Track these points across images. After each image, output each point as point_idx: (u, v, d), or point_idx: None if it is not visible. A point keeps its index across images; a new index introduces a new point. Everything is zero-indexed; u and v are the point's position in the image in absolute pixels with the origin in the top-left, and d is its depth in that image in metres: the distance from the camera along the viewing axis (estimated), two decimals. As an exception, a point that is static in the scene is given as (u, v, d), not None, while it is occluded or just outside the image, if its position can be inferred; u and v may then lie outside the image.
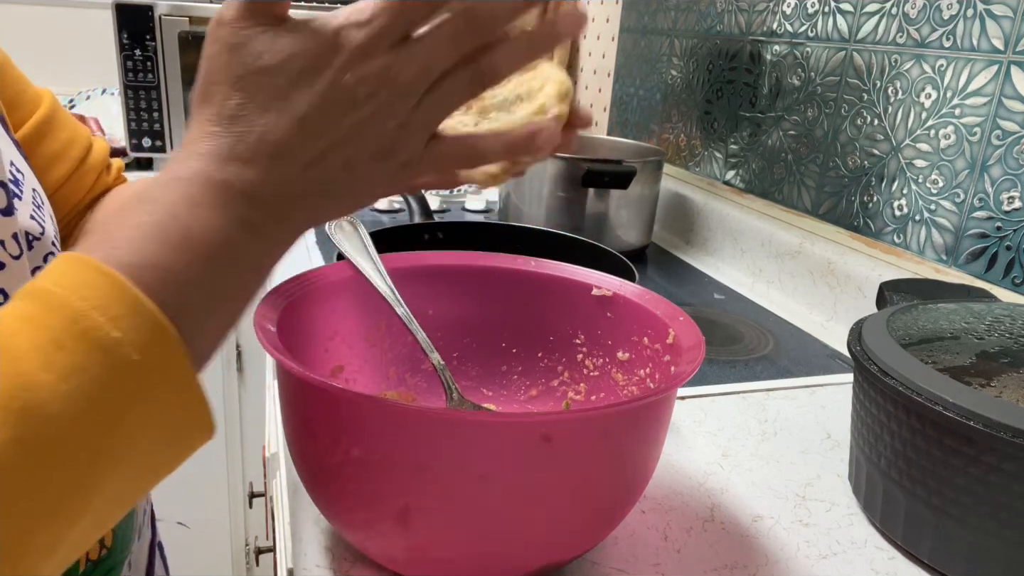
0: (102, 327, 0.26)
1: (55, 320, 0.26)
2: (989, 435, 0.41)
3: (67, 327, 0.26)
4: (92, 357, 0.26)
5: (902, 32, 0.83)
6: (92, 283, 0.27)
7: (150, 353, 0.27)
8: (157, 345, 0.27)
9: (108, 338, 0.26)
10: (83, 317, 0.26)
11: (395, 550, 0.41)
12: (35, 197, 0.41)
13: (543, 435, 0.36)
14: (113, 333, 0.26)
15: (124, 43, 1.35)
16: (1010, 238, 0.71)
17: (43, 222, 0.41)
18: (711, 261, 1.12)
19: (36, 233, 0.39)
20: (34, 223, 0.39)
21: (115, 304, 0.27)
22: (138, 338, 0.27)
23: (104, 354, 0.26)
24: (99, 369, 0.26)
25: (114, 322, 0.26)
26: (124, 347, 0.26)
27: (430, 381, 0.55)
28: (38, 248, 0.39)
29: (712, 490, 0.55)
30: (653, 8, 1.32)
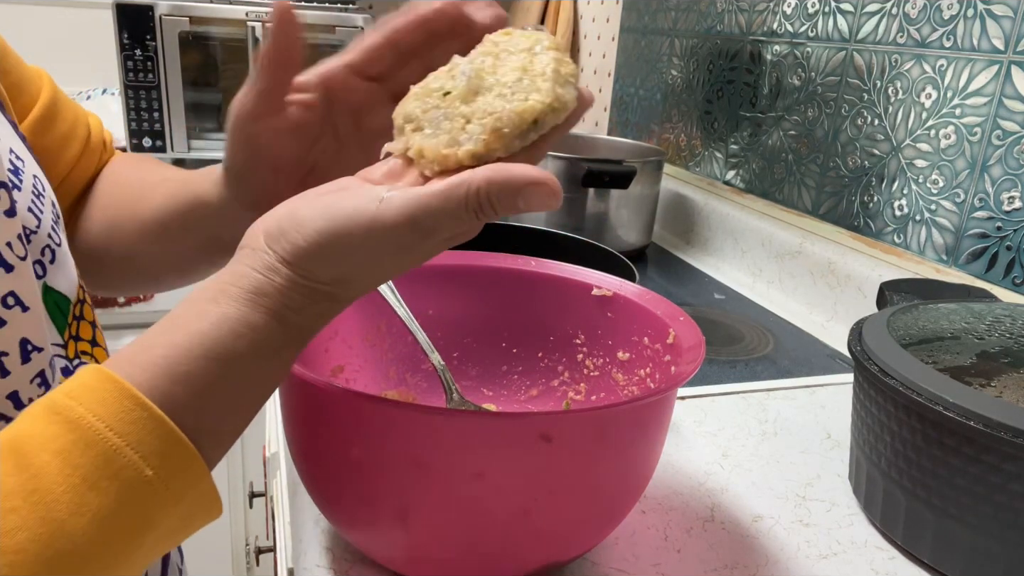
0: (136, 466, 0.27)
1: (88, 458, 0.26)
2: (989, 435, 0.41)
3: (102, 468, 0.26)
4: (124, 498, 0.27)
5: (902, 32, 0.83)
6: (127, 415, 0.27)
7: (179, 482, 0.28)
8: (186, 476, 0.29)
9: (142, 478, 0.27)
10: (117, 456, 0.27)
11: (395, 550, 0.41)
12: (35, 185, 0.41)
13: (543, 435, 0.36)
14: (147, 472, 0.27)
15: (124, 43, 1.35)
16: (1010, 238, 0.71)
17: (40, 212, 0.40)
18: (711, 261, 1.12)
19: (33, 227, 0.39)
20: (31, 216, 0.39)
21: (149, 439, 0.27)
22: (168, 472, 0.28)
23: (135, 494, 0.27)
24: (131, 509, 0.27)
25: (147, 460, 0.27)
26: (155, 485, 0.28)
27: (430, 381, 0.55)
28: (35, 242, 0.39)
29: (712, 490, 0.55)
30: (653, 8, 1.32)
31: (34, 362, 0.35)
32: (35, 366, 0.35)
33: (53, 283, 0.40)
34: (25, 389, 0.35)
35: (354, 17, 1.45)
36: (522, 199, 0.29)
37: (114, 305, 1.23)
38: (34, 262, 0.39)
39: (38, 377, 0.35)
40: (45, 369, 0.36)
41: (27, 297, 0.35)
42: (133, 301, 1.24)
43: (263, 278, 0.31)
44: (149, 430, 0.27)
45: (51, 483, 0.26)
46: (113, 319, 1.23)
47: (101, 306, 1.22)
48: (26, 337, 0.35)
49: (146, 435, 0.27)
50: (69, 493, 0.26)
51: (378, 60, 0.39)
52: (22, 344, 0.35)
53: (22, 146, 0.43)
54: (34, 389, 0.35)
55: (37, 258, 0.39)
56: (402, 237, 0.30)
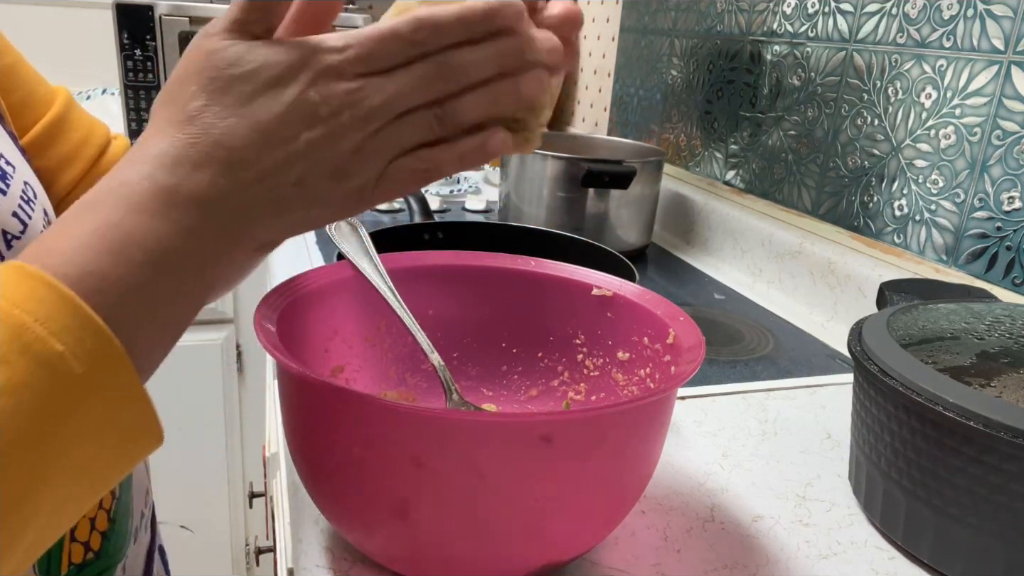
0: (45, 340, 0.26)
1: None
2: (989, 435, 0.41)
3: (10, 341, 0.26)
4: (35, 372, 0.26)
5: (902, 32, 0.83)
6: (35, 294, 0.27)
7: (94, 364, 0.27)
8: (101, 356, 0.28)
9: (51, 352, 0.26)
10: (26, 330, 0.26)
11: (395, 550, 0.41)
12: (24, 191, 0.41)
13: (543, 435, 0.36)
14: (56, 346, 0.26)
15: (124, 43, 1.35)
16: (1010, 238, 0.71)
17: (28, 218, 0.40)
18: (711, 261, 1.12)
19: (16, 231, 0.39)
20: (15, 221, 0.39)
21: (58, 316, 0.27)
22: (81, 350, 0.27)
23: (47, 368, 0.26)
24: (42, 383, 0.26)
25: (57, 335, 0.26)
26: (67, 360, 0.27)
27: (430, 381, 0.55)
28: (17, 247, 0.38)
29: (712, 490, 0.55)
30: (653, 8, 1.32)
31: None
32: None
33: None
34: None
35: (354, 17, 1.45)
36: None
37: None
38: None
39: None
40: None
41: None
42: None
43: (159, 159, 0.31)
44: (58, 307, 0.27)
45: None
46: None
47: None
48: None
49: (55, 312, 0.27)
50: None
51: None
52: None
53: (15, 152, 0.43)
54: None
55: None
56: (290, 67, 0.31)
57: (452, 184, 1.45)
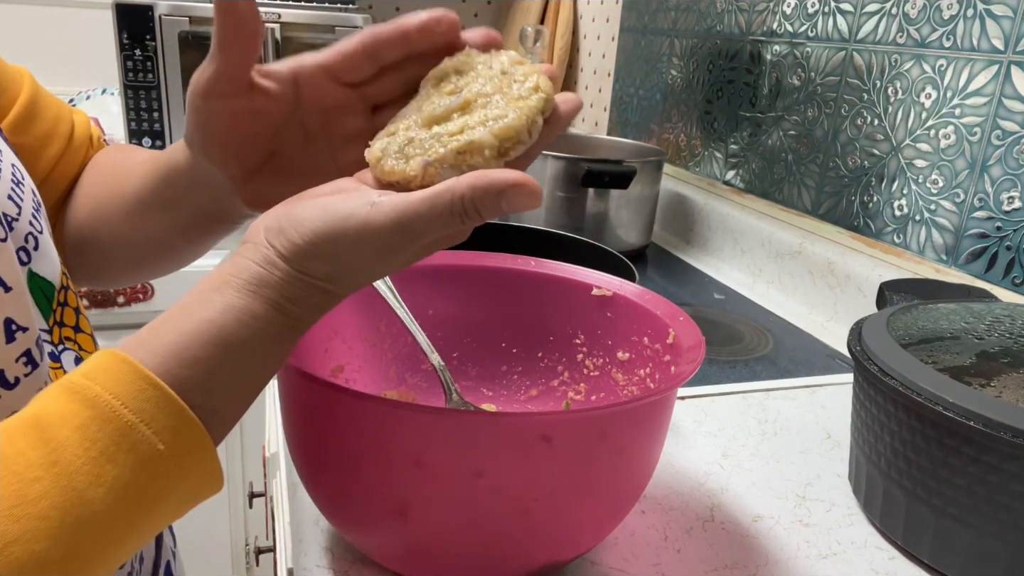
0: (149, 441, 0.29)
1: (105, 433, 0.28)
2: (989, 435, 0.41)
3: (118, 441, 0.28)
4: (139, 471, 0.29)
5: (902, 32, 0.83)
6: (141, 394, 0.29)
7: (189, 457, 0.31)
8: (194, 447, 0.31)
9: (154, 452, 0.29)
10: (132, 431, 0.29)
11: (395, 550, 0.41)
12: (13, 174, 0.41)
13: (543, 435, 0.36)
14: (159, 446, 0.29)
15: (124, 43, 1.35)
16: (1010, 238, 0.71)
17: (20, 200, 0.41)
18: (711, 261, 1.12)
19: (13, 214, 0.40)
20: (11, 203, 0.40)
21: (161, 416, 0.29)
22: (179, 448, 0.30)
23: (149, 467, 0.29)
24: (144, 480, 0.29)
25: (159, 435, 0.29)
26: (167, 458, 0.30)
27: (430, 381, 0.55)
28: (17, 229, 0.40)
29: (712, 490, 0.55)
30: (653, 8, 1.32)
31: (19, 341, 0.36)
32: (20, 345, 0.36)
33: (38, 269, 0.40)
34: (11, 368, 0.35)
35: (354, 17, 1.45)
36: (504, 201, 0.31)
37: (113, 306, 1.23)
38: (18, 249, 0.39)
39: (23, 356, 0.36)
40: (31, 348, 0.36)
41: (9, 278, 0.36)
42: (132, 301, 1.24)
43: (264, 271, 0.33)
44: (161, 408, 0.29)
45: (71, 455, 0.28)
46: (113, 319, 1.22)
47: (100, 306, 1.22)
48: (10, 317, 0.36)
49: (158, 412, 0.29)
50: (88, 465, 0.28)
51: (353, 68, 0.39)
52: (6, 324, 0.35)
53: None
54: (20, 368, 0.36)
55: (21, 245, 0.40)
56: (391, 239, 0.32)
57: (452, 184, 1.44)
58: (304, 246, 0.33)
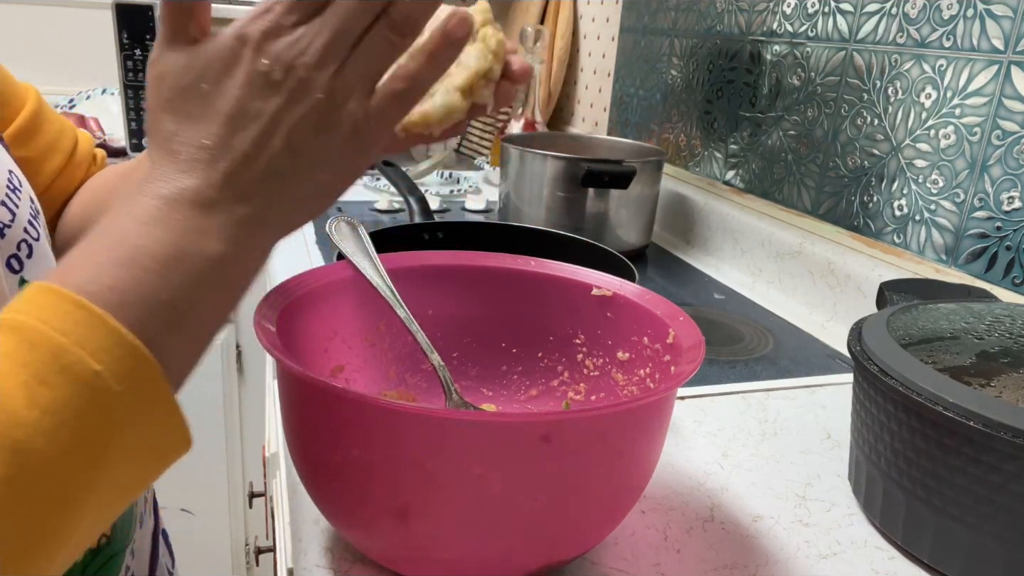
0: (83, 361, 0.27)
1: (36, 356, 0.26)
2: (989, 435, 0.41)
3: (49, 363, 0.26)
4: (75, 391, 0.26)
5: (902, 32, 0.83)
6: (70, 316, 0.27)
7: (130, 382, 0.28)
8: (137, 373, 0.28)
9: (89, 371, 0.27)
10: (64, 352, 0.27)
11: (395, 550, 0.41)
12: (10, 180, 0.41)
13: (542, 435, 0.36)
14: (94, 366, 0.27)
15: (124, 43, 1.35)
16: (1010, 238, 0.71)
17: (15, 207, 0.40)
18: (711, 261, 1.12)
19: (6, 220, 0.39)
20: (4, 210, 0.39)
21: (94, 336, 0.27)
22: (118, 368, 0.28)
23: (86, 388, 0.27)
24: (82, 402, 0.27)
25: (94, 355, 0.27)
26: (105, 379, 0.27)
27: (430, 381, 0.55)
28: (10, 236, 0.39)
29: (712, 490, 0.55)
30: (653, 8, 1.32)
31: None
32: None
33: (30, 278, 0.40)
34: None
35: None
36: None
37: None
38: (9, 256, 0.39)
39: None
40: None
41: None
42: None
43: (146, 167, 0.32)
44: (92, 328, 0.27)
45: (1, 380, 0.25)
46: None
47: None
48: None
49: (90, 332, 0.27)
50: (20, 388, 0.25)
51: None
52: None
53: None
54: None
55: (12, 252, 0.39)
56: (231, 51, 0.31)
57: (452, 184, 1.45)
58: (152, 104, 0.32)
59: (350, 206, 1.27)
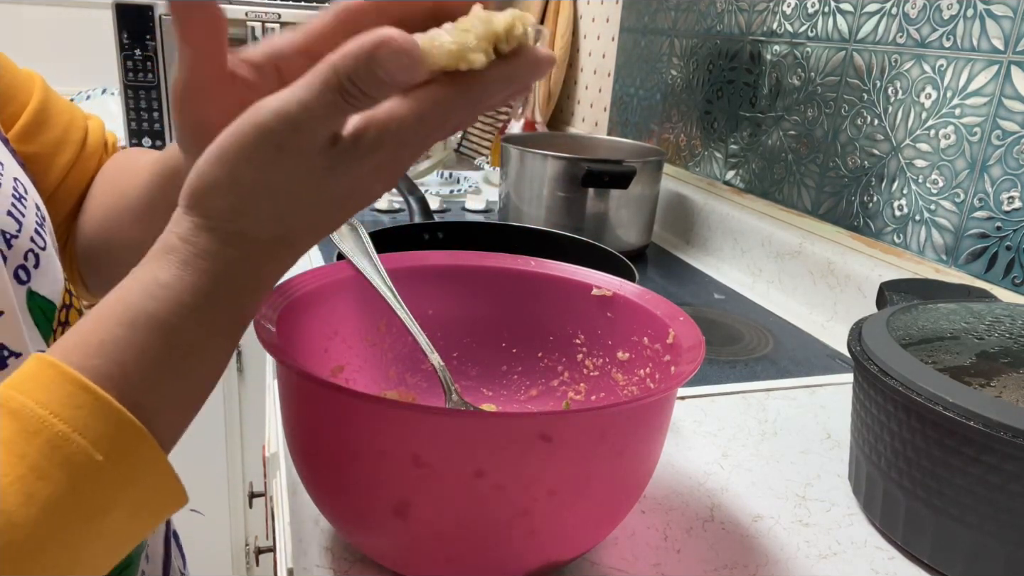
0: (85, 451, 0.26)
1: (35, 447, 0.25)
2: (989, 435, 0.41)
3: (48, 454, 0.25)
4: (75, 483, 0.26)
5: (902, 32, 0.83)
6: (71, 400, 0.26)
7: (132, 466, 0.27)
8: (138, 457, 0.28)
9: (92, 462, 0.26)
10: (65, 442, 0.26)
11: (395, 550, 0.41)
12: (15, 188, 0.40)
13: (542, 434, 0.36)
14: (96, 457, 0.26)
15: (124, 43, 1.35)
16: (1010, 238, 0.71)
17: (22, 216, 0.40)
18: (711, 261, 1.12)
19: (13, 231, 0.38)
20: (11, 220, 0.39)
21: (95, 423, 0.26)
22: (120, 456, 0.27)
23: (87, 478, 0.26)
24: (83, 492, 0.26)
25: (96, 445, 0.26)
26: (107, 469, 0.27)
27: (430, 381, 0.55)
28: (17, 247, 0.38)
29: (712, 490, 0.55)
30: (653, 8, 1.32)
31: (11, 368, 0.35)
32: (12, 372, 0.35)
33: (37, 288, 0.39)
34: None
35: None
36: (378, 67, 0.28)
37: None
38: (17, 267, 0.38)
39: None
40: None
41: (2, 302, 0.35)
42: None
43: (170, 233, 0.30)
44: (95, 413, 0.26)
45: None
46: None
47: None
48: (2, 343, 0.35)
49: (92, 419, 0.26)
50: (16, 484, 0.25)
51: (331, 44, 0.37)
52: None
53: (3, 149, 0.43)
54: None
55: (20, 263, 0.39)
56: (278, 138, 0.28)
57: (452, 184, 1.45)
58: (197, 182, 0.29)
59: (350, 206, 1.27)
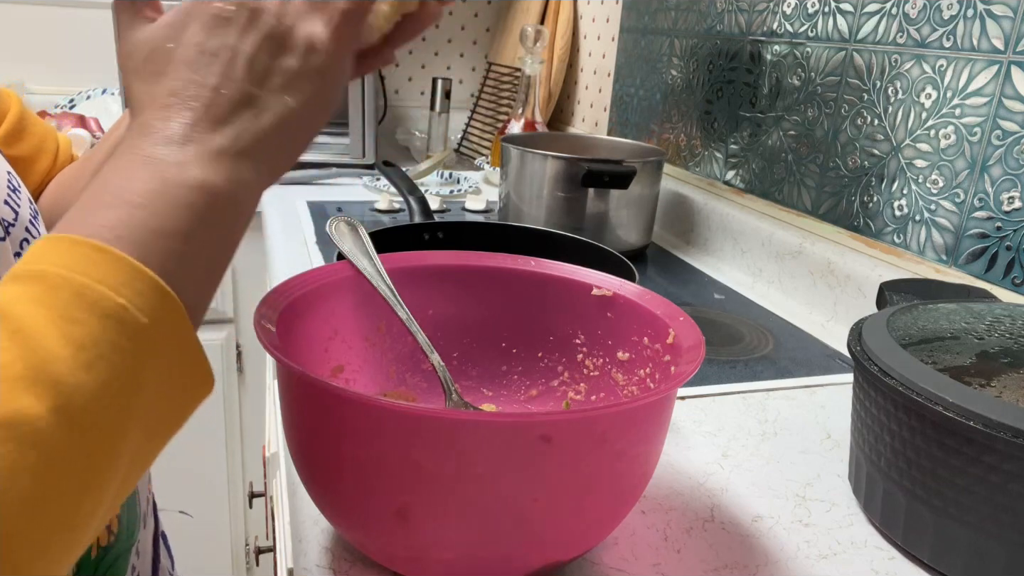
0: (108, 297, 0.27)
1: (60, 298, 0.27)
2: (989, 435, 0.41)
3: (75, 301, 0.27)
4: (105, 325, 0.27)
5: (902, 32, 0.83)
6: (87, 258, 0.28)
7: (155, 315, 0.28)
8: (160, 306, 0.29)
9: (116, 305, 0.27)
10: (88, 290, 0.27)
11: (395, 550, 0.41)
12: (10, 181, 0.42)
13: (542, 435, 0.36)
14: (119, 300, 0.27)
15: (124, 43, 1.35)
16: (1010, 238, 0.71)
17: (17, 206, 0.41)
18: (711, 261, 1.12)
19: (10, 219, 0.40)
20: (8, 208, 0.40)
21: (113, 274, 0.28)
22: (143, 303, 0.28)
23: (115, 321, 0.27)
24: (113, 335, 0.27)
25: (117, 291, 0.27)
26: (132, 312, 0.28)
27: (430, 381, 0.55)
28: (14, 234, 0.40)
29: (712, 490, 0.55)
30: (653, 8, 1.32)
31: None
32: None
33: None
34: None
35: None
36: None
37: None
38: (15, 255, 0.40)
39: None
40: None
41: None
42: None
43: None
44: (111, 266, 0.28)
45: (31, 322, 0.26)
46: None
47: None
48: None
49: (110, 270, 0.28)
50: (50, 327, 0.26)
51: None
52: None
53: None
54: None
55: (17, 251, 0.40)
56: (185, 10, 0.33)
57: (452, 184, 1.45)
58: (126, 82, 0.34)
59: (350, 206, 1.27)
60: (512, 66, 1.71)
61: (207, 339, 1.42)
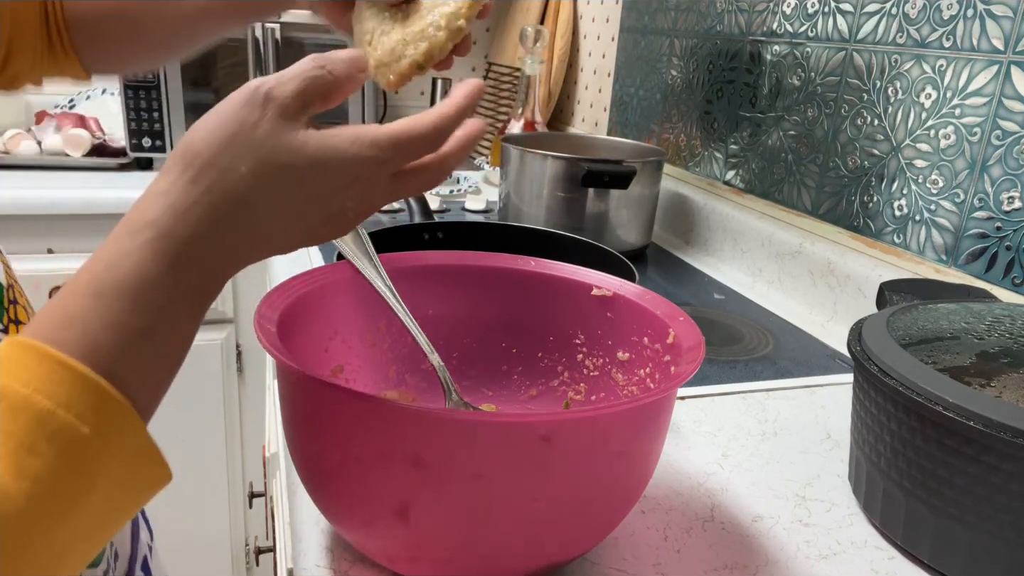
0: (72, 426, 0.27)
1: (22, 424, 0.26)
2: (989, 435, 0.41)
3: (35, 430, 0.26)
4: (63, 457, 0.26)
5: (902, 32, 0.83)
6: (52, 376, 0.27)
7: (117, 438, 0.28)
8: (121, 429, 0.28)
9: (78, 435, 0.27)
10: (51, 417, 0.26)
11: (395, 550, 0.41)
12: None
13: (542, 435, 0.36)
14: (83, 429, 0.27)
15: (124, 43, 1.35)
16: (1010, 238, 0.71)
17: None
18: (711, 261, 1.12)
19: None
20: None
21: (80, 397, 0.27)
22: (106, 428, 0.28)
23: (74, 451, 0.27)
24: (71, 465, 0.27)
25: (82, 418, 0.27)
26: (93, 441, 0.27)
27: (430, 381, 0.55)
28: None
29: (712, 490, 0.55)
30: (653, 8, 1.32)
31: None
32: None
33: None
34: None
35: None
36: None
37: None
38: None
39: None
40: None
41: None
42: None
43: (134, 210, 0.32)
44: (75, 387, 0.27)
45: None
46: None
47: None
48: None
49: (73, 393, 0.27)
50: (8, 459, 0.25)
51: None
52: None
53: None
54: None
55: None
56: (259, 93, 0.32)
57: (452, 184, 1.45)
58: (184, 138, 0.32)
59: (350, 206, 1.27)
60: (512, 66, 1.71)
61: (207, 339, 1.42)
